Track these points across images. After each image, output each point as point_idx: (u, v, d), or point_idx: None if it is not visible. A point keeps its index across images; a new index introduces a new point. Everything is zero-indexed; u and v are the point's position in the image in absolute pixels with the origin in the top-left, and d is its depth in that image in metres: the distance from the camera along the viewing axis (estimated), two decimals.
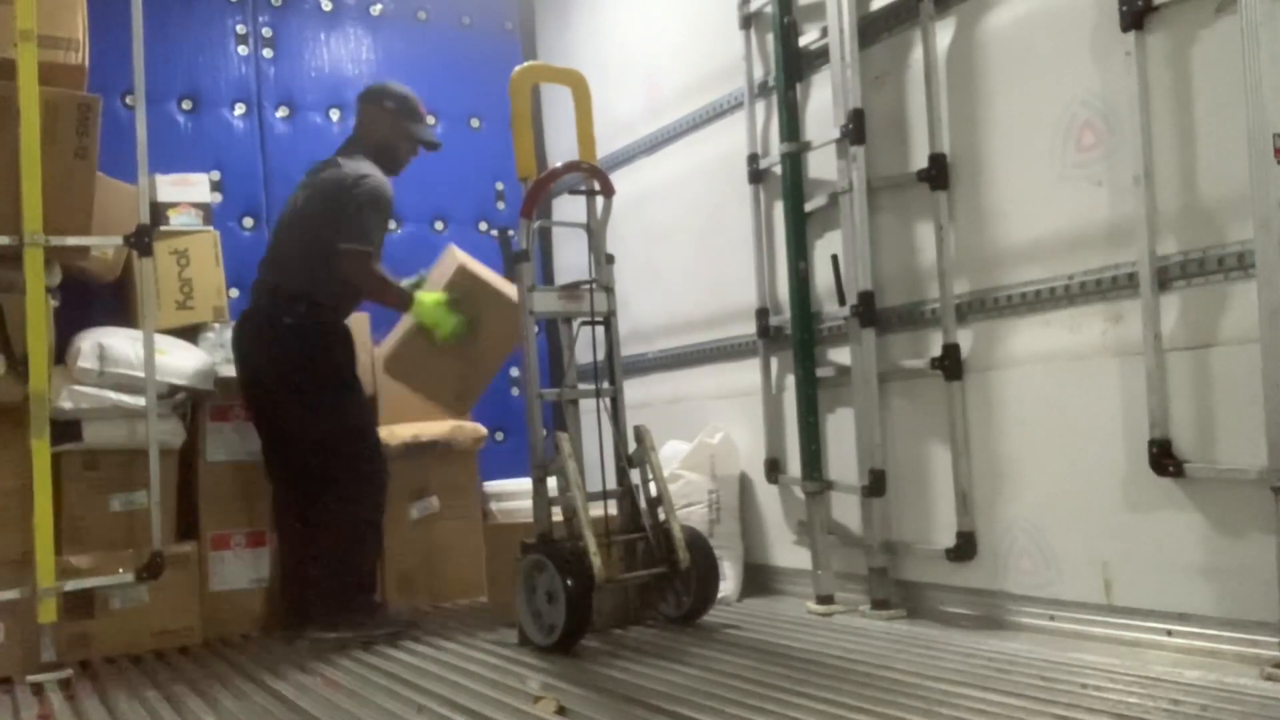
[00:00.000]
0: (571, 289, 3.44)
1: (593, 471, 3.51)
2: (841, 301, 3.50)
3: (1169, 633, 2.66)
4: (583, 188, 3.57)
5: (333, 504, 3.57)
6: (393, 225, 4.83)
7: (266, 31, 4.72)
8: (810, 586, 3.58)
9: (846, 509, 3.58)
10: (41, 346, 3.19)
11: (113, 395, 3.47)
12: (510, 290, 3.54)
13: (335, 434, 3.59)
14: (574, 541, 3.14)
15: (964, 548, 3.16)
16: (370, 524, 3.63)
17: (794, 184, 3.66)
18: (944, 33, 3.22)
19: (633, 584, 3.37)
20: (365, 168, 3.61)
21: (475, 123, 5.07)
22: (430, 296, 3.65)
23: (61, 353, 3.50)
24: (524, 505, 3.90)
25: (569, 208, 4.42)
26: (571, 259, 4.71)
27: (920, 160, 3.26)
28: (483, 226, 5.04)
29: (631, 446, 3.40)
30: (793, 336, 3.67)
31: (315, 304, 3.58)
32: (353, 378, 3.70)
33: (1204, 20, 2.56)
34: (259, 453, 3.78)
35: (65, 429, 3.41)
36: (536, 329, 3.56)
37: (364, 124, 3.79)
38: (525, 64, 3.85)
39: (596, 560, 3.08)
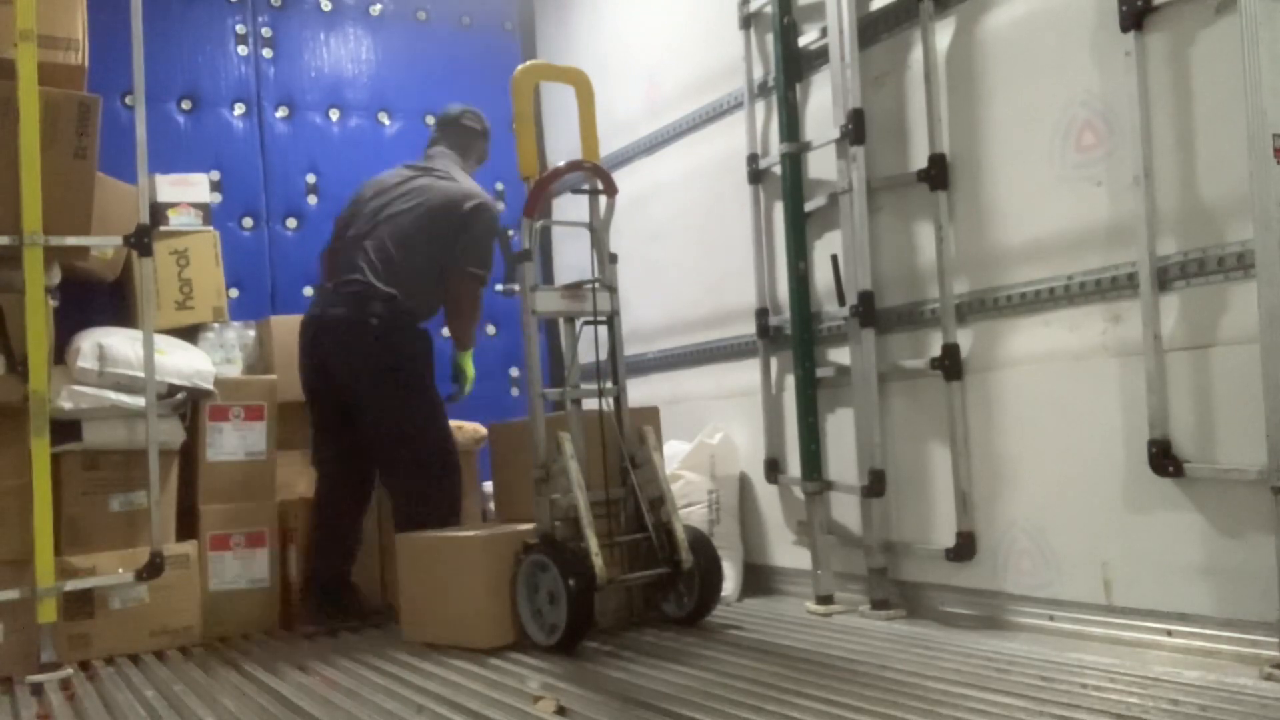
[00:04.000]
0: (574, 288, 3.44)
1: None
2: (841, 301, 3.50)
3: (1169, 633, 2.66)
4: (585, 187, 3.57)
5: (419, 505, 3.68)
6: None
7: (266, 31, 4.72)
8: (810, 586, 3.57)
9: (846, 509, 3.58)
10: (41, 346, 3.19)
11: (112, 395, 3.47)
12: None
13: (427, 431, 3.73)
14: (576, 542, 3.14)
15: (964, 548, 3.16)
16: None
17: (794, 184, 3.66)
18: (944, 33, 3.22)
19: (635, 584, 3.37)
20: (475, 186, 3.86)
21: None
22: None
23: (61, 353, 3.50)
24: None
25: (569, 207, 4.43)
26: (572, 258, 4.71)
27: (920, 160, 3.26)
28: None
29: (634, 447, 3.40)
30: (792, 336, 3.67)
31: (402, 308, 3.71)
32: (433, 377, 3.84)
33: (1204, 20, 2.56)
34: (260, 453, 3.80)
35: (65, 429, 3.41)
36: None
37: (458, 145, 4.03)
38: (528, 63, 3.85)
39: (598, 560, 3.08)
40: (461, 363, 4.01)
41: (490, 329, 5.01)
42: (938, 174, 3.20)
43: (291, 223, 4.66)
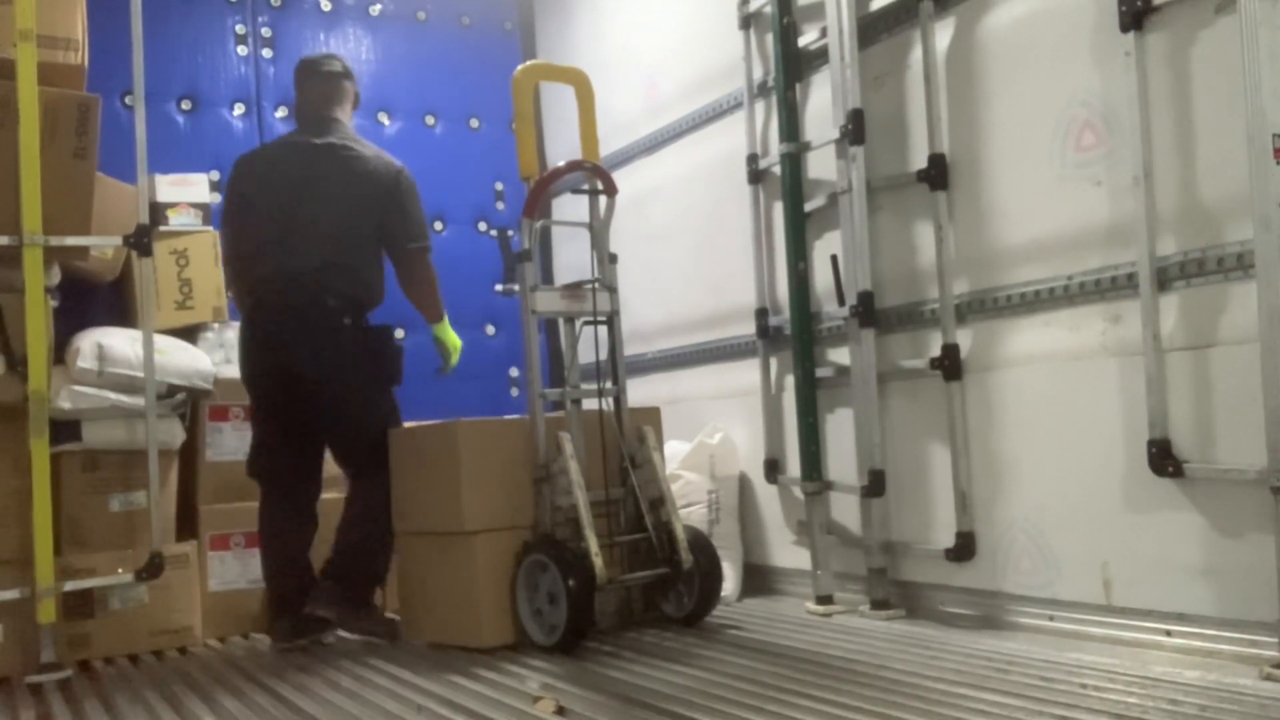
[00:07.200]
0: (574, 288, 3.44)
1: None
2: (841, 302, 3.50)
3: (1168, 633, 2.66)
4: (585, 187, 3.57)
5: (376, 502, 3.49)
6: None
7: (266, 31, 4.73)
8: (810, 586, 3.58)
9: (846, 509, 3.58)
10: (41, 346, 3.19)
11: (112, 395, 3.46)
12: None
13: (386, 431, 3.53)
14: (576, 542, 3.14)
15: (963, 548, 3.16)
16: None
17: (793, 184, 3.66)
18: (944, 33, 3.22)
19: (635, 584, 3.37)
20: (384, 152, 3.68)
21: (475, 123, 5.08)
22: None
23: (61, 353, 3.49)
24: None
25: (569, 207, 4.43)
26: (572, 259, 4.71)
27: (920, 160, 3.26)
28: (482, 226, 5.04)
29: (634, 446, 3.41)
30: (792, 336, 3.67)
31: (363, 305, 3.55)
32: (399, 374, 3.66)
33: (1204, 20, 2.56)
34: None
35: (64, 429, 3.41)
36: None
37: (343, 100, 3.74)
38: (528, 63, 3.85)
39: (598, 560, 3.08)
40: (440, 334, 3.79)
41: (489, 329, 5.02)
42: (937, 174, 3.20)
43: None
